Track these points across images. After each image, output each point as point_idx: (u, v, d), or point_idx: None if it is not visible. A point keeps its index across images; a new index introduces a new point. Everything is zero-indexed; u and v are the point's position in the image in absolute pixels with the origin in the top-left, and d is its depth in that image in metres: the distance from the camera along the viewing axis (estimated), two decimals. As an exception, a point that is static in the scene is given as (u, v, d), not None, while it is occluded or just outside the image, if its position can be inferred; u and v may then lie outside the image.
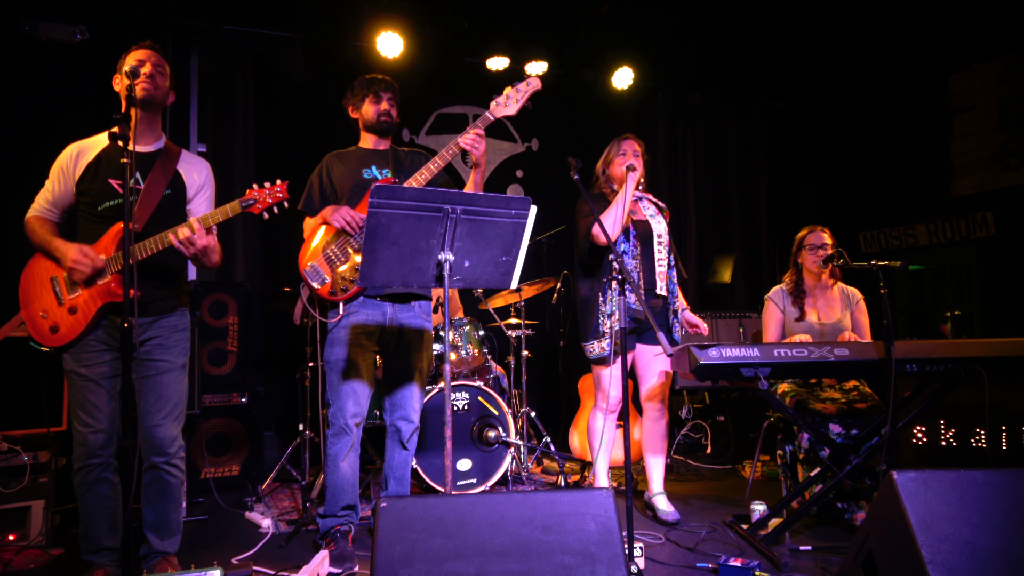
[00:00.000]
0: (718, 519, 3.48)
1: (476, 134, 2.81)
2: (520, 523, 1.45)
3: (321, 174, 3.07)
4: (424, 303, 3.12)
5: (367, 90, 3.08)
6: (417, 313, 3.07)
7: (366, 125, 3.13)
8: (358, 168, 3.04)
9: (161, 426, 2.53)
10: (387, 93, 3.09)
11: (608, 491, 1.54)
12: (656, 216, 3.50)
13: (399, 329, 3.01)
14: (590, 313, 3.41)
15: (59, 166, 2.57)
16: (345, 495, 2.93)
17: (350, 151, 3.15)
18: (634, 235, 3.37)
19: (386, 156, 3.12)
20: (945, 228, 5.86)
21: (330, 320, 2.97)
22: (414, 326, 3.05)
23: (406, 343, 3.04)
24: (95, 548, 2.53)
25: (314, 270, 2.91)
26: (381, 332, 2.98)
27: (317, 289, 2.90)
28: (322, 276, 2.90)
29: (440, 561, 1.38)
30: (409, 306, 3.05)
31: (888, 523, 1.80)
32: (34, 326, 2.49)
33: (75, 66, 4.58)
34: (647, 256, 3.39)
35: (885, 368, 2.81)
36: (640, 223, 3.43)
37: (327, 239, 2.93)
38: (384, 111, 3.08)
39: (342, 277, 2.88)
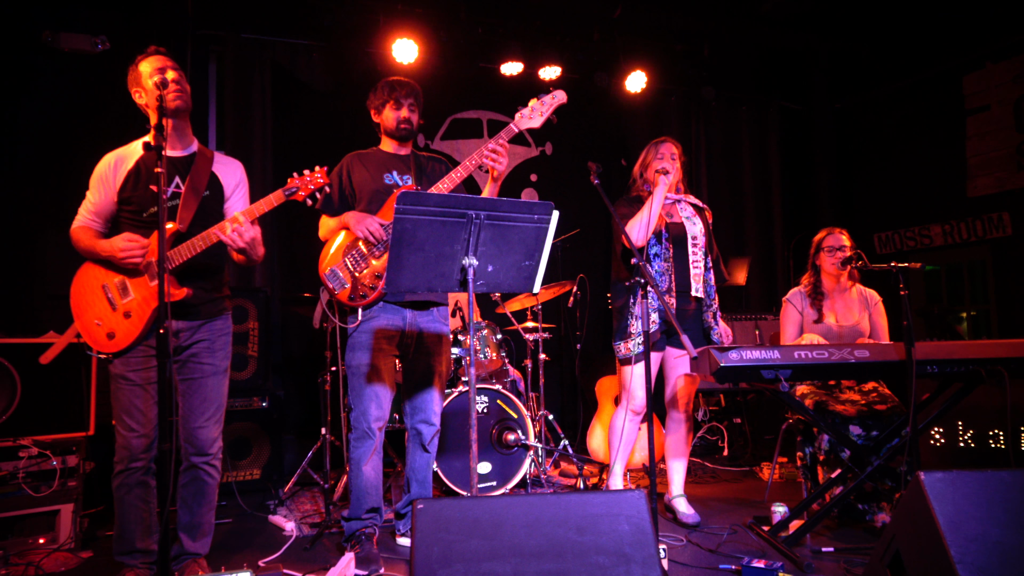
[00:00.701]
0: (738, 521, 3.49)
1: (500, 145, 2.82)
2: (554, 524, 1.48)
3: (341, 175, 3.08)
4: (442, 308, 3.15)
5: (388, 95, 3.09)
6: (436, 317, 3.10)
7: (386, 131, 3.16)
8: (379, 172, 3.07)
9: (204, 428, 2.59)
10: (408, 99, 3.09)
11: (641, 492, 1.56)
12: (692, 218, 3.49)
13: (419, 333, 3.04)
14: (621, 314, 3.43)
15: (98, 176, 2.61)
16: (369, 498, 2.96)
17: (371, 153, 3.17)
18: (666, 237, 3.38)
19: (407, 161, 3.15)
20: (960, 228, 5.85)
21: (349, 325, 2.99)
22: (433, 330, 3.08)
23: (426, 347, 3.07)
24: (128, 549, 2.57)
25: (334, 274, 2.94)
26: (401, 336, 3.02)
27: (337, 294, 2.93)
28: (342, 281, 2.93)
29: (477, 562, 1.41)
30: (428, 311, 3.08)
31: (916, 524, 1.81)
32: (90, 334, 2.54)
33: (96, 76, 4.65)
34: (680, 258, 3.38)
35: (906, 369, 2.82)
36: (674, 225, 3.42)
37: (347, 244, 2.96)
38: (404, 118, 3.10)
39: (362, 283, 2.91)
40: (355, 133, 5.30)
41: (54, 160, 4.52)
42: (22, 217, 4.44)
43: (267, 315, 4.55)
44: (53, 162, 4.51)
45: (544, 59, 5.56)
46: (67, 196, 4.55)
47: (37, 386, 3.24)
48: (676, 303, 3.35)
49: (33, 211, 4.47)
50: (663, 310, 3.28)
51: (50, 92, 4.57)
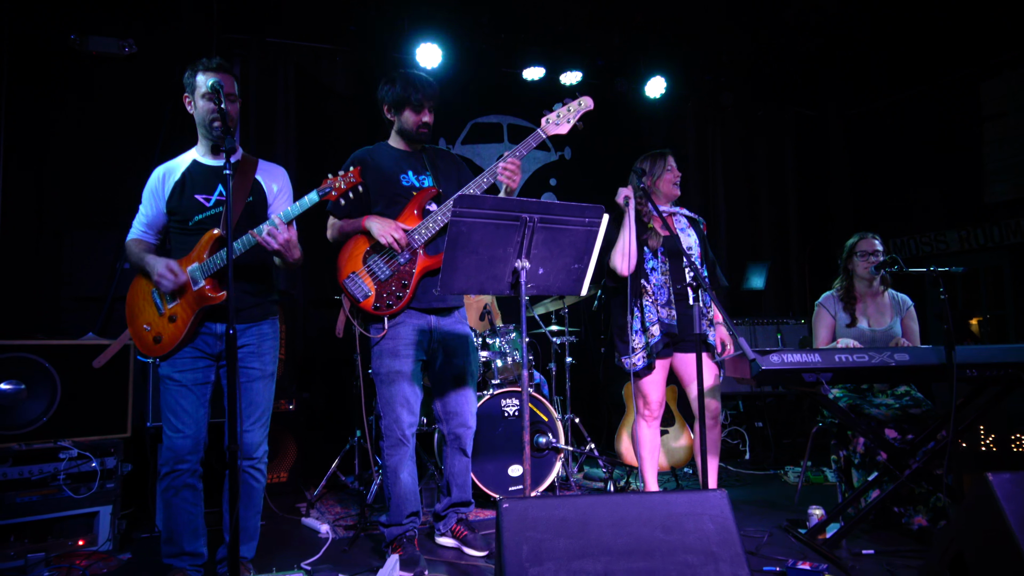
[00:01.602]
0: (770, 524, 3.50)
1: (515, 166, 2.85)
2: (640, 523, 1.49)
3: None
4: (461, 309, 3.14)
5: (408, 97, 2.94)
6: (457, 319, 3.09)
7: (403, 132, 3.03)
8: (395, 172, 2.98)
9: (250, 432, 2.60)
10: (430, 102, 2.97)
11: (723, 492, 1.58)
12: (687, 230, 3.53)
13: (443, 337, 3.02)
14: (622, 331, 3.46)
15: (150, 190, 2.66)
16: (409, 503, 2.96)
17: (381, 149, 3.05)
18: (662, 252, 3.43)
19: (420, 158, 3.06)
20: (977, 234, 5.88)
21: (374, 334, 2.91)
22: (457, 332, 3.07)
23: (452, 349, 3.05)
24: (177, 552, 2.58)
25: (355, 282, 2.87)
26: (428, 341, 2.99)
27: (360, 302, 2.85)
28: (364, 289, 2.86)
29: (567, 560, 1.42)
30: (450, 315, 3.06)
31: (982, 524, 1.83)
32: (140, 339, 2.59)
33: (122, 79, 4.66)
34: (676, 270, 3.43)
35: (946, 373, 2.83)
36: (668, 239, 3.47)
37: (367, 248, 2.88)
38: (424, 123, 2.98)
39: (388, 291, 2.85)
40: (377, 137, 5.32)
41: (79, 163, 4.53)
42: (47, 220, 4.45)
43: (293, 318, 4.56)
44: (78, 165, 4.53)
45: (565, 64, 5.60)
46: (91, 199, 4.60)
47: (76, 388, 3.23)
48: (676, 311, 3.38)
49: (58, 214, 4.48)
50: (663, 321, 3.34)
51: (77, 95, 4.58)
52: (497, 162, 2.87)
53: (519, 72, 5.60)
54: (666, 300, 3.37)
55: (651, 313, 3.35)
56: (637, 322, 3.38)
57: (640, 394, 3.50)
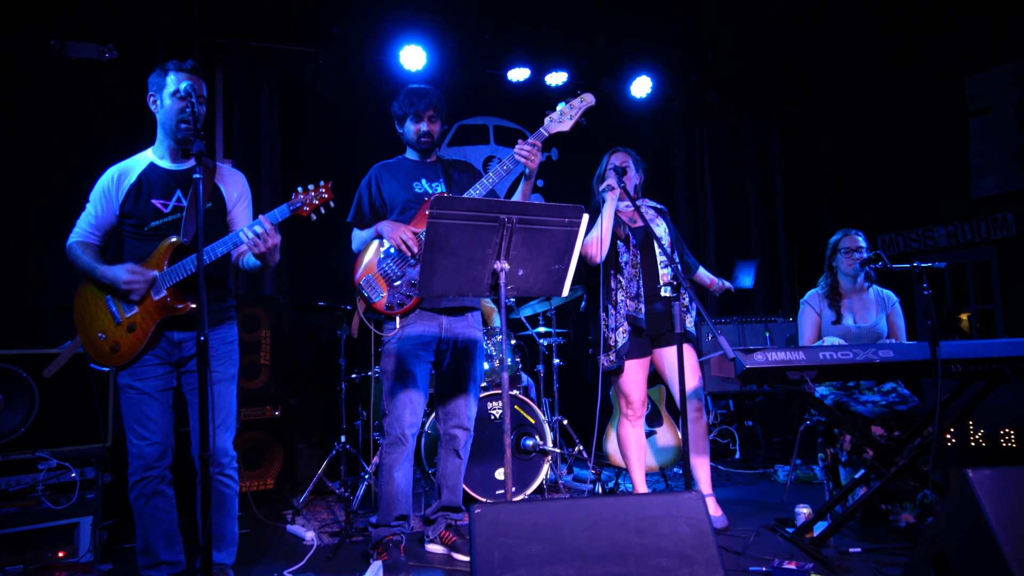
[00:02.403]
0: (758, 523, 3.48)
1: (532, 144, 2.82)
2: (614, 527, 1.47)
3: (370, 186, 3.08)
4: (476, 313, 3.16)
5: (407, 110, 3.07)
6: (471, 323, 3.10)
7: (408, 143, 3.16)
8: (409, 182, 3.06)
9: (215, 437, 2.55)
10: (428, 112, 3.06)
11: (699, 494, 1.55)
12: (655, 220, 3.55)
13: (454, 340, 3.04)
14: (596, 328, 3.46)
15: (101, 190, 2.57)
16: (399, 505, 2.94)
17: (397, 162, 3.17)
18: (634, 244, 3.43)
19: (436, 168, 3.14)
20: (965, 229, 5.89)
21: (386, 334, 2.99)
22: (468, 336, 3.08)
23: (461, 353, 3.07)
24: (153, 563, 2.54)
25: (369, 284, 2.94)
26: (437, 343, 3.01)
27: (374, 303, 2.93)
28: (378, 290, 2.93)
29: (539, 565, 1.40)
30: (464, 317, 3.08)
31: (963, 521, 1.81)
32: (93, 348, 2.51)
33: (104, 85, 4.62)
34: (648, 262, 3.44)
35: (931, 369, 2.82)
36: (638, 230, 3.46)
37: (381, 253, 2.96)
38: (424, 132, 3.07)
39: (400, 292, 2.91)
40: (362, 139, 5.31)
41: (62, 170, 4.48)
42: (31, 228, 4.41)
43: (279, 324, 4.52)
44: (61, 173, 4.48)
45: (550, 65, 5.58)
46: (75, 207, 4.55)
47: (55, 398, 3.19)
48: (644, 307, 3.37)
49: (42, 222, 4.44)
50: (631, 315, 3.35)
51: (58, 102, 4.54)
52: (504, 160, 2.89)
53: (504, 73, 5.58)
54: (635, 293, 3.38)
55: (622, 308, 3.37)
56: (612, 319, 3.37)
57: (621, 394, 3.50)
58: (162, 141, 2.62)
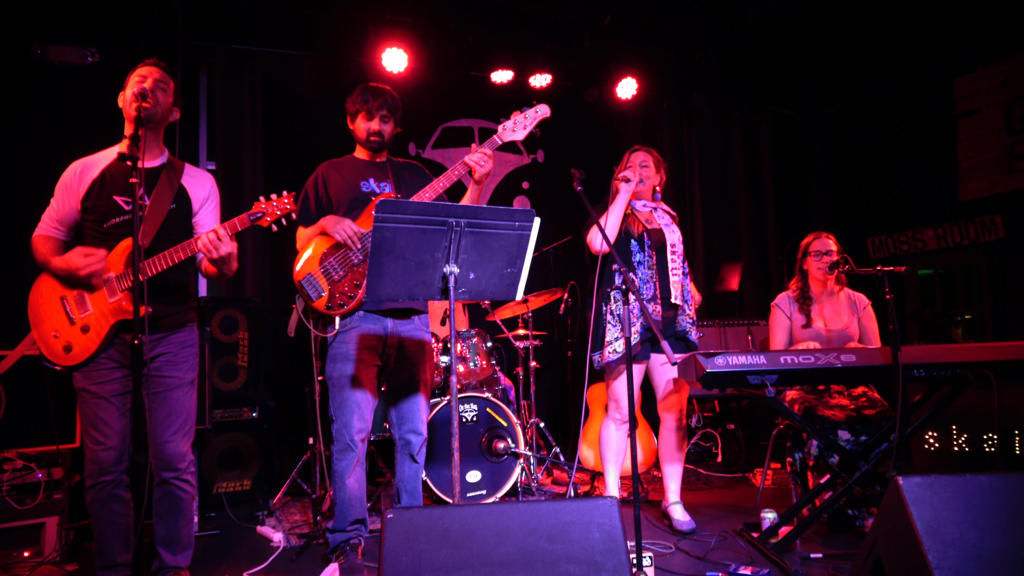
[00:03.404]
0: (729, 528, 3.47)
1: (483, 154, 2.82)
2: (525, 533, 1.46)
3: (317, 184, 3.04)
4: (423, 316, 3.13)
5: (361, 105, 3.04)
6: (417, 326, 3.08)
7: (358, 140, 3.13)
8: (356, 180, 3.03)
9: (171, 442, 2.55)
10: (381, 111, 3.04)
11: (613, 500, 1.55)
12: (670, 225, 3.50)
13: (400, 342, 3.01)
14: (597, 323, 3.42)
15: (63, 183, 2.59)
16: (353, 510, 2.94)
17: (346, 161, 3.13)
18: (649, 245, 3.38)
19: (384, 168, 3.11)
20: (953, 232, 5.84)
21: (328, 334, 2.95)
22: (415, 338, 3.06)
23: (408, 356, 3.04)
24: (109, 564, 2.55)
25: (310, 282, 2.90)
26: (383, 346, 2.98)
27: (313, 302, 2.89)
28: (319, 289, 2.89)
29: (446, 571, 1.40)
30: (409, 319, 3.05)
31: (895, 529, 1.79)
32: (47, 346, 2.51)
33: (87, 88, 4.65)
34: (662, 266, 3.39)
35: (892, 373, 2.80)
36: (655, 232, 3.42)
37: (324, 250, 2.93)
38: (375, 130, 3.05)
39: (340, 291, 2.87)
40: (345, 142, 5.30)
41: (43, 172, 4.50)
42: (8, 229, 4.44)
43: (257, 325, 4.53)
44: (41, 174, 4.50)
45: (534, 67, 5.57)
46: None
47: (21, 398, 3.22)
48: (661, 311, 3.34)
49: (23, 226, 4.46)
50: (655, 319, 3.28)
51: (41, 105, 4.57)
52: (455, 164, 2.89)
53: (488, 75, 5.58)
54: (652, 295, 3.33)
55: (635, 308, 3.28)
56: (610, 314, 3.33)
57: (612, 396, 3.46)
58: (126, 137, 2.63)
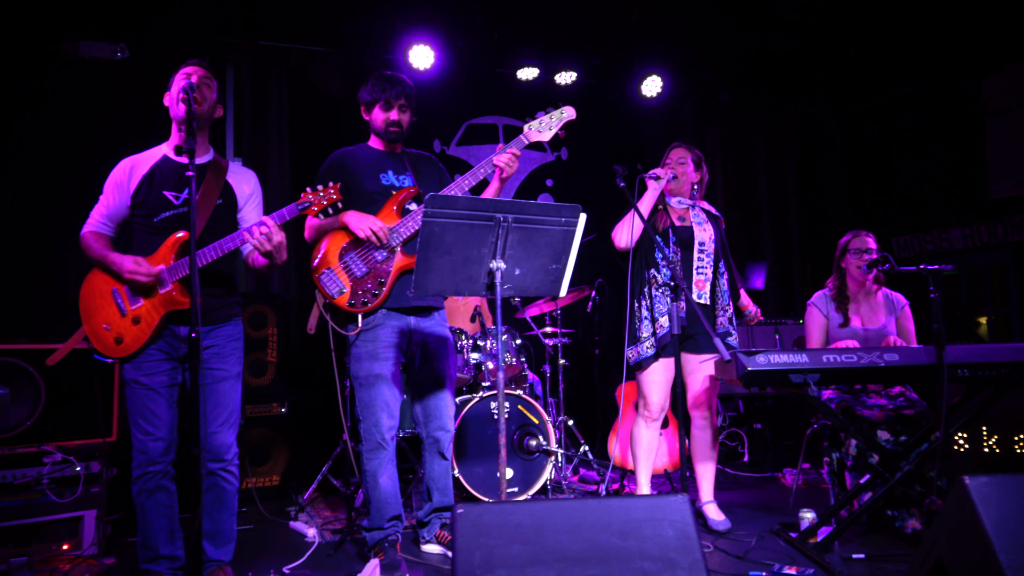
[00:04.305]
0: (763, 527, 3.44)
1: (512, 154, 2.81)
2: (597, 529, 1.45)
3: (332, 174, 2.96)
4: (442, 312, 3.11)
5: (377, 96, 2.96)
6: (438, 321, 3.06)
7: (375, 131, 3.05)
8: (374, 172, 2.97)
9: (218, 433, 2.57)
10: (399, 100, 2.96)
11: (685, 497, 1.54)
12: (704, 224, 3.48)
13: (423, 339, 2.99)
14: (630, 320, 3.42)
15: (113, 181, 2.62)
16: (389, 507, 2.92)
17: (360, 150, 3.05)
18: (674, 241, 3.38)
19: (402, 160, 3.06)
20: (981, 231, 5.79)
21: (349, 333, 2.89)
22: (437, 334, 3.04)
23: (432, 352, 3.02)
24: (153, 556, 2.56)
25: (330, 277, 2.84)
26: (407, 343, 2.96)
27: (335, 299, 2.83)
28: (340, 285, 2.83)
29: (520, 567, 1.39)
30: (430, 316, 3.03)
31: (960, 529, 1.77)
32: (98, 339, 2.54)
33: (115, 84, 4.67)
34: (686, 263, 3.39)
35: (936, 373, 2.78)
36: (683, 229, 3.42)
37: (344, 245, 2.86)
38: (393, 120, 2.98)
39: (363, 288, 2.83)
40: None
41: (73, 167, 4.54)
42: (42, 224, 4.46)
43: (286, 321, 4.54)
44: (72, 169, 4.53)
45: (560, 64, 5.55)
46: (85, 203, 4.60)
47: (61, 392, 3.23)
48: (686, 305, 3.33)
49: (52, 217, 4.49)
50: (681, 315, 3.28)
51: (70, 100, 4.59)
52: (482, 162, 2.86)
53: (514, 72, 5.56)
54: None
55: (660, 303, 3.32)
56: (644, 309, 3.34)
57: (640, 394, 3.46)
58: (174, 135, 2.66)
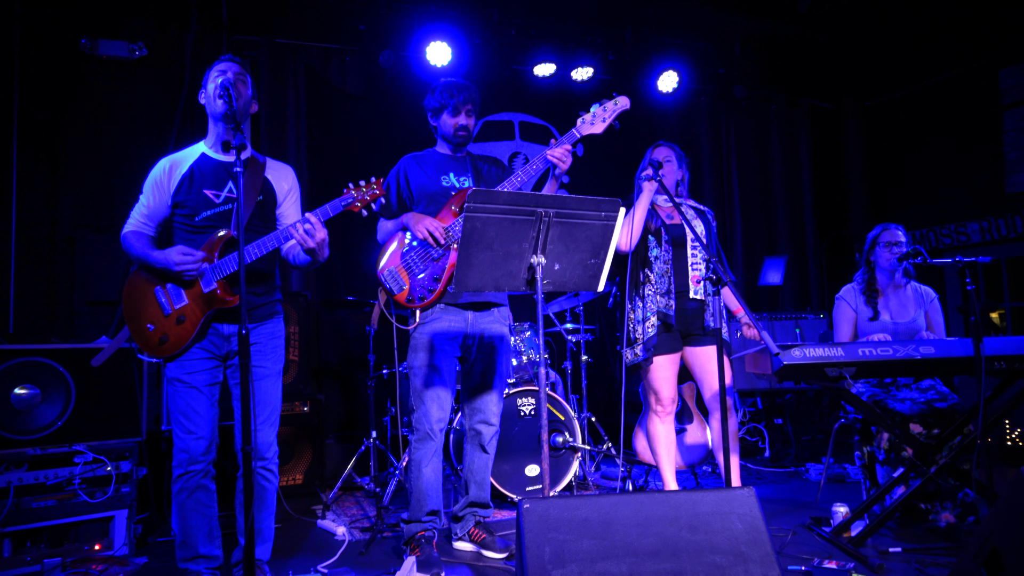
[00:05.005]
0: (792, 522, 3.44)
1: (565, 150, 2.82)
2: (665, 523, 1.44)
3: (399, 177, 3.07)
4: (503, 309, 3.14)
5: (446, 101, 3.03)
6: (497, 318, 3.09)
7: (443, 136, 3.12)
8: (437, 175, 3.05)
9: (260, 431, 2.58)
10: (466, 106, 3.04)
11: (751, 490, 1.52)
12: (694, 220, 3.49)
13: (480, 335, 3.03)
14: (625, 321, 3.43)
15: (153, 181, 2.60)
16: (430, 500, 2.94)
17: (427, 155, 3.15)
18: (667, 240, 3.40)
19: (464, 163, 3.12)
20: (999, 225, 5.77)
21: (410, 327, 2.99)
22: (495, 332, 3.07)
23: (487, 348, 3.06)
24: (192, 555, 2.55)
25: (391, 275, 2.93)
26: (464, 338, 3.00)
27: (395, 295, 2.92)
28: (400, 282, 2.92)
29: (591, 561, 1.38)
30: (489, 312, 3.06)
31: (1018, 520, 1.76)
32: (142, 339, 2.53)
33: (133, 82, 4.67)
34: (680, 260, 3.39)
35: (973, 365, 2.77)
36: (674, 227, 3.43)
37: (405, 246, 2.95)
38: (462, 125, 3.04)
39: (421, 285, 2.89)
40: (388, 135, 5.31)
41: (92, 166, 4.53)
42: (61, 224, 4.45)
43: (307, 319, 4.53)
44: (91, 168, 4.53)
45: (576, 60, 5.54)
46: (104, 202, 4.61)
47: (90, 392, 3.22)
48: (675, 304, 3.34)
49: (74, 219, 4.49)
50: (660, 311, 3.32)
51: (89, 99, 4.59)
52: (535, 158, 2.90)
53: (530, 69, 5.55)
54: (666, 289, 3.34)
55: (651, 303, 3.33)
56: (639, 311, 3.35)
57: (650, 389, 3.45)
58: (212, 133, 2.64)
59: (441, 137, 3.14)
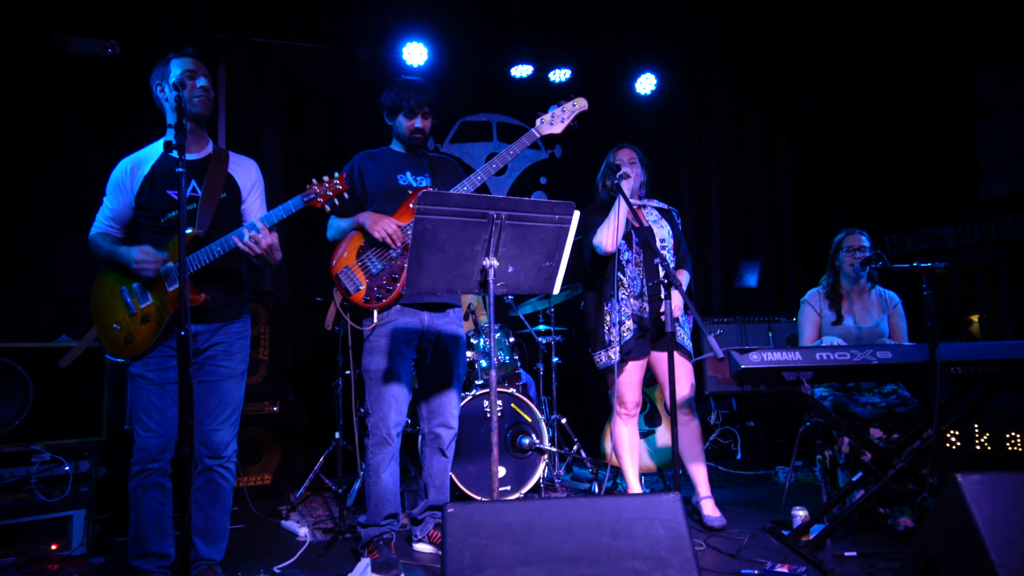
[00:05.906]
0: (756, 525, 3.45)
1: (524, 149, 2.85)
2: (588, 528, 1.44)
3: (352, 174, 3.03)
4: (457, 309, 3.13)
5: (401, 103, 3.01)
6: (452, 319, 3.08)
7: (398, 136, 3.11)
8: (393, 173, 3.02)
9: (219, 431, 2.57)
10: (423, 108, 3.02)
11: (676, 495, 1.53)
12: (659, 221, 3.54)
13: (436, 336, 3.01)
14: (597, 324, 3.43)
15: (115, 182, 2.59)
16: (388, 505, 2.93)
17: (382, 152, 3.12)
18: (636, 242, 3.41)
19: (421, 161, 3.11)
20: (974, 230, 5.80)
21: (365, 328, 2.95)
22: (450, 332, 3.05)
23: (443, 350, 3.04)
24: (143, 553, 2.54)
25: (348, 276, 2.90)
26: (420, 339, 2.99)
27: (351, 296, 2.89)
28: (356, 282, 2.89)
29: (510, 567, 1.38)
30: (444, 313, 3.05)
31: (953, 527, 1.77)
32: (108, 339, 2.53)
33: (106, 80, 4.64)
34: (650, 261, 3.41)
35: (929, 371, 2.78)
36: (642, 230, 3.44)
37: (361, 244, 2.93)
38: (417, 128, 3.03)
39: (378, 285, 2.88)
40: (363, 134, 5.28)
41: (64, 165, 4.50)
42: (34, 223, 4.42)
43: (278, 319, 4.52)
44: (64, 166, 4.50)
45: (554, 61, 5.54)
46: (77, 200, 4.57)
47: (50, 391, 3.20)
48: (649, 307, 3.35)
49: (44, 217, 4.46)
50: (635, 314, 3.35)
51: (61, 97, 4.55)
52: (494, 159, 2.90)
53: (508, 70, 5.55)
54: (639, 292, 3.37)
55: (626, 306, 3.34)
56: (615, 314, 3.36)
57: (616, 393, 3.47)
58: (170, 131, 2.62)
59: (396, 137, 3.12)
